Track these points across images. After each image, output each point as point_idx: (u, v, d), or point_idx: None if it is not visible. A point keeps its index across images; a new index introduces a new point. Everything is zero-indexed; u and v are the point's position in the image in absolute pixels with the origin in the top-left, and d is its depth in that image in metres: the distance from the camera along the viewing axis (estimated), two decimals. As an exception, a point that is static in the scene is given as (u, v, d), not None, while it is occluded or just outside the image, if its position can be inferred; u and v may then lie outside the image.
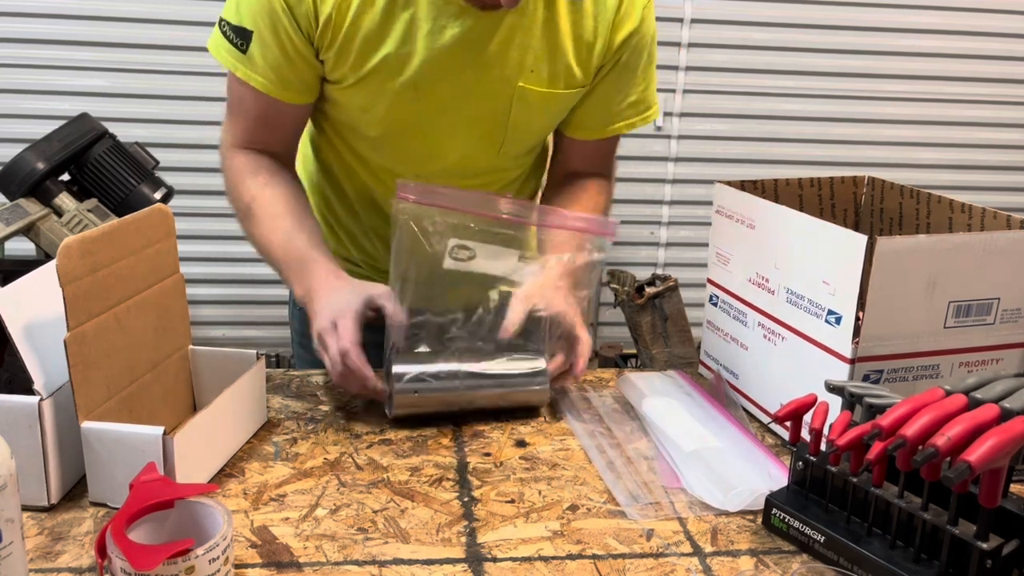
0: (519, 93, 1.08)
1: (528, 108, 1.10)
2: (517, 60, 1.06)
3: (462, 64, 1.05)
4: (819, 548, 0.81)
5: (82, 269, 0.82)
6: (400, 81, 1.05)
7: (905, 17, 2.70)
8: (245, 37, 1.04)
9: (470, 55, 1.05)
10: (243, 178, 1.13)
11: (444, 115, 1.09)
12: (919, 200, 1.15)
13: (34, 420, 0.81)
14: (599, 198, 1.23)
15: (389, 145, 1.14)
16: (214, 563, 0.68)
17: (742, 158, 2.72)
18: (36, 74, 2.47)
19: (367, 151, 1.16)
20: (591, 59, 1.10)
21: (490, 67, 1.06)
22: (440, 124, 1.11)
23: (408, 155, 1.14)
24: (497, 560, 0.80)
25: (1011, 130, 2.85)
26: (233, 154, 1.15)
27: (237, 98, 1.12)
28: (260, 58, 1.05)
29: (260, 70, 1.06)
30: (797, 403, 0.86)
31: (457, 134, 1.12)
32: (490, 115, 1.11)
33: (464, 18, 1.02)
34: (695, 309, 1.30)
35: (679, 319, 2.15)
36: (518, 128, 1.13)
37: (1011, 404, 0.74)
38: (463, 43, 1.03)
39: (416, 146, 1.13)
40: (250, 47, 1.04)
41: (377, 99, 1.07)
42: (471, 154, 1.15)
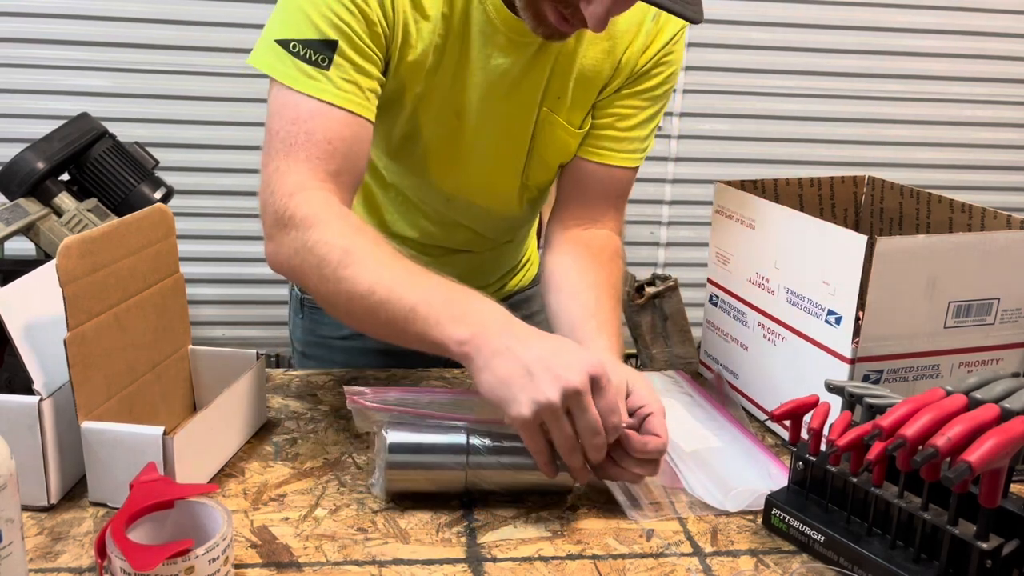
0: (544, 118, 1.07)
1: (553, 137, 1.09)
2: (548, 86, 1.05)
3: (505, 94, 1.04)
4: (819, 548, 0.81)
5: (82, 269, 0.82)
6: (446, 111, 1.04)
7: (905, 17, 2.69)
8: (328, 50, 0.93)
9: (513, 85, 1.04)
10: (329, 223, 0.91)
11: (480, 143, 1.08)
12: (919, 200, 1.15)
13: (34, 420, 0.81)
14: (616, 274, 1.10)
15: (422, 168, 1.11)
16: (214, 563, 0.68)
17: (742, 158, 2.72)
18: (36, 74, 2.47)
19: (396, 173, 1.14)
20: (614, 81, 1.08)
21: (527, 96, 1.05)
22: (475, 152, 1.09)
23: (438, 178, 1.12)
24: (497, 560, 0.80)
25: (1011, 130, 2.85)
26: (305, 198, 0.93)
27: (303, 128, 0.94)
28: (347, 71, 0.94)
29: (348, 87, 0.94)
30: (796, 402, 0.86)
31: (488, 161, 1.10)
32: (520, 141, 1.09)
33: (510, 49, 1.00)
34: (695, 309, 1.30)
35: (679, 319, 2.14)
36: (543, 154, 1.11)
37: (1011, 404, 0.74)
38: (509, 74, 1.03)
39: (448, 172, 1.11)
40: (334, 60, 0.93)
41: (424, 124, 1.06)
42: (497, 180, 1.13)
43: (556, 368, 0.78)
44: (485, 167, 1.11)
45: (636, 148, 1.13)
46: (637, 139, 1.12)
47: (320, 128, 0.94)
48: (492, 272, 1.32)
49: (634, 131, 1.12)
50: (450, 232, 1.20)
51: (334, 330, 1.29)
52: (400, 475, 0.86)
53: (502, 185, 1.14)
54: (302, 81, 0.94)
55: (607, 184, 1.14)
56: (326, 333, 1.30)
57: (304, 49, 0.93)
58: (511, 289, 1.37)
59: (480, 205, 1.16)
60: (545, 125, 1.08)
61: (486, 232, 1.22)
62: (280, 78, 0.94)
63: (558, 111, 1.08)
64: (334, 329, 1.29)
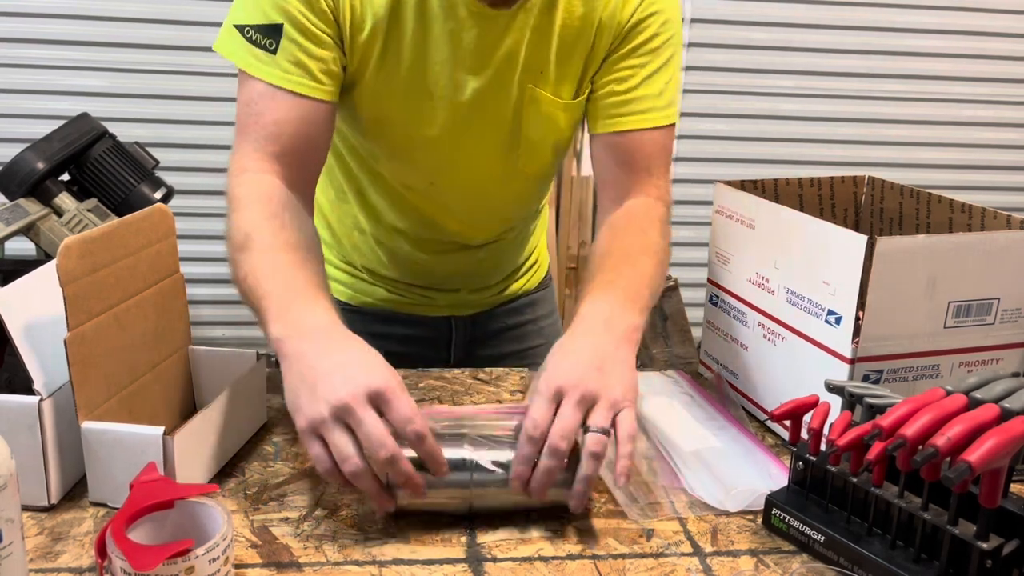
0: (529, 96, 1.06)
1: (538, 113, 1.07)
2: (527, 61, 1.04)
3: (476, 69, 1.03)
4: (819, 548, 0.81)
5: (82, 269, 0.82)
6: (415, 89, 1.03)
7: (905, 17, 2.70)
8: (274, 34, 0.96)
9: (483, 60, 1.02)
10: (245, 208, 0.96)
11: (458, 123, 1.06)
12: (919, 200, 1.15)
13: (34, 420, 0.81)
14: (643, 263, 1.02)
15: (400, 154, 1.11)
16: (214, 563, 0.68)
17: (742, 158, 2.72)
18: (36, 74, 2.47)
19: (377, 160, 1.13)
20: (598, 49, 1.05)
21: (503, 71, 1.04)
22: (453, 133, 1.07)
23: (420, 165, 1.11)
24: (497, 560, 0.80)
25: (1011, 130, 2.85)
26: (241, 180, 0.98)
27: (254, 109, 0.99)
28: (293, 53, 0.97)
29: (293, 70, 0.97)
30: (796, 402, 0.86)
31: (470, 143, 1.09)
32: (503, 121, 1.07)
33: (473, 21, 1.00)
34: (695, 309, 1.30)
35: (679, 319, 2.15)
36: (532, 135, 1.09)
37: (1011, 404, 0.74)
38: (476, 48, 1.01)
39: (428, 156, 1.10)
40: (280, 44, 0.96)
41: (392, 107, 1.04)
42: (485, 165, 1.12)
43: (334, 381, 0.77)
44: (466, 148, 1.09)
45: (649, 107, 1.07)
46: (648, 97, 1.07)
47: (268, 110, 0.98)
48: (492, 273, 1.31)
49: (638, 90, 1.06)
50: (440, 222, 1.18)
51: None
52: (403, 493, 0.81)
53: (488, 167, 1.12)
54: (253, 65, 0.98)
55: (630, 152, 1.09)
56: None
57: (255, 33, 0.97)
58: (515, 292, 1.35)
59: (465, 188, 1.14)
60: (530, 103, 1.06)
61: (477, 222, 1.20)
62: (237, 62, 0.99)
63: (542, 85, 1.05)
64: None
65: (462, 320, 1.31)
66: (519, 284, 1.36)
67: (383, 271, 1.26)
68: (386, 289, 1.27)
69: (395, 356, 1.26)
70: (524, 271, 1.36)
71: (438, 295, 1.28)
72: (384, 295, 1.27)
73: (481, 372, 1.19)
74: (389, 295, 1.27)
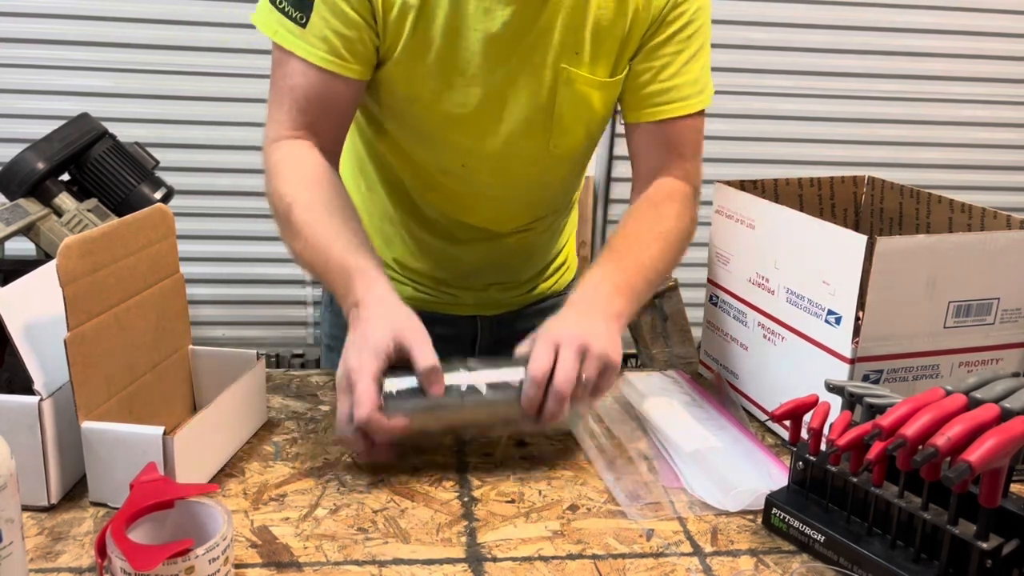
0: (564, 76, 1.06)
1: (573, 94, 1.07)
2: (561, 41, 1.04)
3: (509, 49, 1.03)
4: (819, 548, 0.81)
5: (82, 269, 0.82)
6: (448, 68, 1.03)
7: (905, 17, 2.70)
8: (305, 9, 1.00)
9: (516, 40, 1.03)
10: (284, 175, 1.03)
11: (490, 104, 1.07)
12: (919, 200, 1.15)
13: (34, 420, 0.81)
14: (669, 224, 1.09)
15: (433, 136, 1.11)
16: (214, 563, 0.68)
17: (742, 158, 2.72)
18: (36, 74, 2.47)
19: (409, 142, 1.13)
20: (635, 31, 1.06)
21: (535, 51, 1.04)
22: (486, 115, 1.08)
23: (452, 147, 1.11)
24: (497, 560, 0.80)
25: (1011, 130, 2.85)
26: (276, 148, 1.05)
27: (288, 82, 1.04)
28: (321, 29, 1.00)
29: (320, 44, 1.00)
30: (796, 402, 0.86)
31: (503, 124, 1.09)
32: (535, 102, 1.07)
33: (510, 2, 1.00)
34: (695, 309, 1.30)
35: (679, 319, 2.15)
36: (565, 117, 1.09)
37: (1011, 404, 0.74)
38: (510, 28, 1.02)
39: (461, 137, 1.10)
40: (310, 19, 1.00)
41: (424, 86, 1.05)
42: (517, 146, 1.11)
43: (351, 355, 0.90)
44: (498, 128, 1.09)
45: (687, 95, 1.10)
46: (685, 85, 1.10)
47: (300, 84, 1.03)
48: (521, 267, 1.30)
49: (677, 78, 1.09)
50: (470, 206, 1.18)
51: None
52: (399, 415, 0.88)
53: (519, 148, 1.12)
54: (284, 37, 1.02)
55: (667, 138, 1.13)
56: None
57: (287, 6, 1.01)
58: (542, 293, 1.34)
59: (496, 170, 1.14)
60: (564, 83, 1.06)
61: (508, 207, 1.20)
62: (269, 34, 1.03)
63: (577, 65, 1.06)
64: None
65: (488, 320, 1.31)
66: (547, 284, 1.35)
67: (413, 263, 1.26)
68: (413, 288, 1.27)
69: None
70: (552, 271, 1.35)
71: (465, 293, 1.28)
72: (411, 293, 1.27)
73: (481, 372, 1.19)
74: (416, 293, 1.27)
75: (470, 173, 1.14)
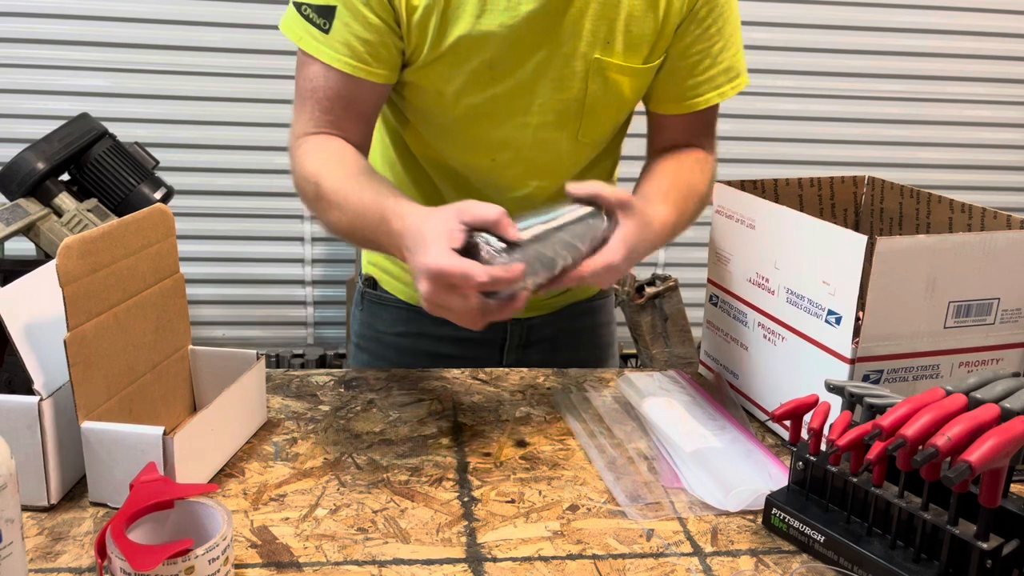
0: (595, 67, 1.06)
1: (606, 83, 1.08)
2: (592, 31, 1.04)
3: (539, 41, 1.03)
4: (819, 548, 0.81)
5: (82, 269, 0.82)
6: (475, 62, 1.04)
7: (905, 17, 2.70)
8: (328, 15, 1.01)
9: (547, 31, 1.03)
10: (307, 158, 1.05)
11: (519, 98, 1.07)
12: (919, 200, 1.15)
13: (34, 420, 0.81)
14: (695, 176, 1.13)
15: (463, 131, 1.11)
16: (214, 563, 0.68)
17: (742, 158, 2.72)
18: (36, 74, 2.47)
19: (438, 139, 1.14)
20: (669, 19, 1.07)
21: (565, 41, 1.04)
22: (516, 108, 1.08)
23: (481, 142, 1.12)
24: (497, 560, 0.80)
25: (1011, 130, 2.86)
26: (301, 142, 1.07)
27: (311, 85, 1.06)
28: (343, 35, 1.02)
29: (342, 49, 1.02)
30: (796, 402, 0.86)
31: (532, 117, 1.09)
32: (566, 94, 1.08)
33: None
34: (695, 309, 1.30)
35: (679, 319, 2.15)
36: (596, 107, 1.10)
37: (1011, 404, 0.74)
38: (539, 19, 1.02)
39: (490, 132, 1.11)
40: (333, 25, 1.01)
41: (451, 81, 1.06)
42: (547, 138, 1.12)
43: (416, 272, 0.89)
44: (527, 121, 1.09)
45: (720, 83, 1.13)
46: (718, 75, 1.12)
47: (322, 87, 1.06)
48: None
49: (710, 71, 1.11)
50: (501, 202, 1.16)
51: (389, 326, 1.30)
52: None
53: (550, 140, 1.12)
54: (308, 42, 1.04)
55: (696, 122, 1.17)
56: (381, 328, 1.31)
57: (311, 12, 1.03)
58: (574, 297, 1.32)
59: (526, 162, 1.14)
60: (595, 73, 1.07)
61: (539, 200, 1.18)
62: (294, 40, 1.05)
63: (609, 55, 1.06)
64: (389, 325, 1.29)
65: (518, 323, 1.29)
66: (578, 290, 1.33)
67: None
68: None
69: (446, 358, 1.27)
70: None
71: None
72: None
73: (481, 372, 1.19)
74: None
75: (500, 167, 1.14)
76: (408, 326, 1.25)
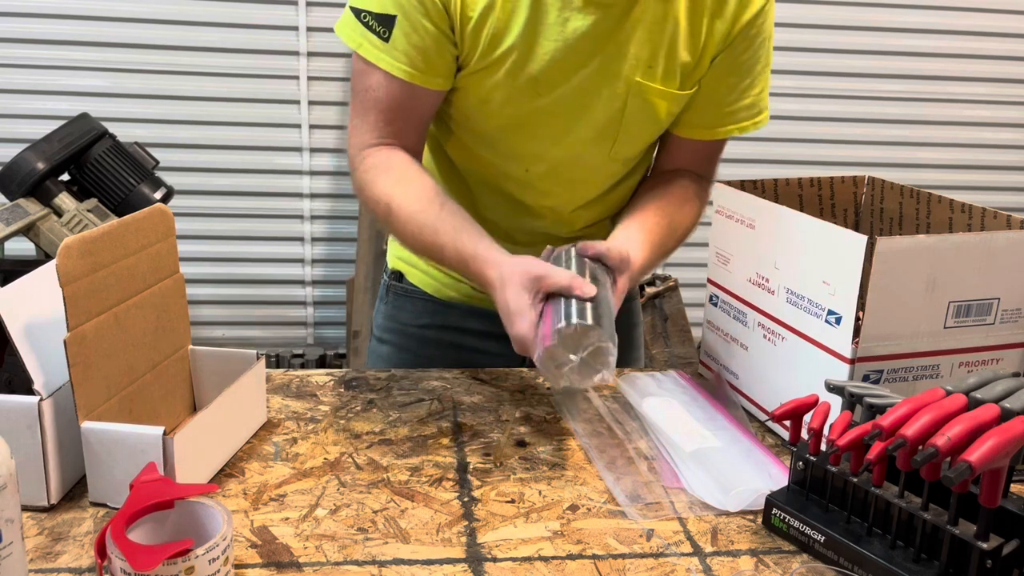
0: (636, 89, 1.07)
1: (644, 106, 1.09)
2: (636, 55, 1.05)
3: (584, 60, 1.05)
4: (819, 548, 0.81)
5: (82, 269, 0.82)
6: (521, 75, 1.05)
7: (905, 17, 2.70)
8: (388, 24, 1.03)
9: (593, 51, 1.04)
10: (376, 177, 1.09)
11: (560, 113, 1.09)
12: (919, 200, 1.15)
13: (34, 420, 0.81)
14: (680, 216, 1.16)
15: (501, 140, 1.13)
16: (214, 563, 0.68)
17: (742, 158, 2.72)
18: (36, 74, 2.47)
19: (476, 145, 1.15)
20: (708, 50, 1.08)
21: (611, 63, 1.05)
22: (555, 123, 1.10)
23: (518, 152, 1.13)
24: (497, 560, 0.80)
25: (1011, 130, 2.86)
26: (365, 156, 1.11)
27: (373, 95, 1.09)
28: (403, 44, 1.04)
29: (402, 58, 1.04)
30: (796, 402, 0.86)
31: (571, 132, 1.11)
32: (605, 113, 1.09)
33: (589, 11, 1.02)
34: (695, 309, 1.30)
35: (679, 319, 2.15)
36: (632, 127, 1.11)
37: (1011, 404, 0.74)
38: (587, 38, 1.03)
39: (528, 143, 1.12)
40: (393, 34, 1.03)
41: (496, 91, 1.07)
42: (581, 153, 1.13)
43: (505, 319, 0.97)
44: (565, 136, 1.11)
45: (743, 118, 1.15)
46: (742, 109, 1.14)
47: (384, 95, 1.08)
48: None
49: (737, 103, 1.13)
50: (531, 207, 1.20)
51: (413, 318, 1.31)
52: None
53: (583, 155, 1.14)
54: (368, 49, 1.05)
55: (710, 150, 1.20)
56: (405, 320, 1.32)
57: (371, 20, 1.05)
58: None
59: (559, 175, 1.15)
60: (635, 95, 1.08)
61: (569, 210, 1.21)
62: (353, 46, 1.07)
63: (650, 79, 1.07)
64: (413, 317, 1.30)
65: None
66: None
67: None
68: (471, 286, 1.27)
69: (471, 351, 1.29)
70: None
71: None
72: (469, 291, 1.27)
73: (482, 372, 1.19)
74: (474, 292, 1.27)
75: (533, 179, 1.16)
76: (433, 318, 1.28)
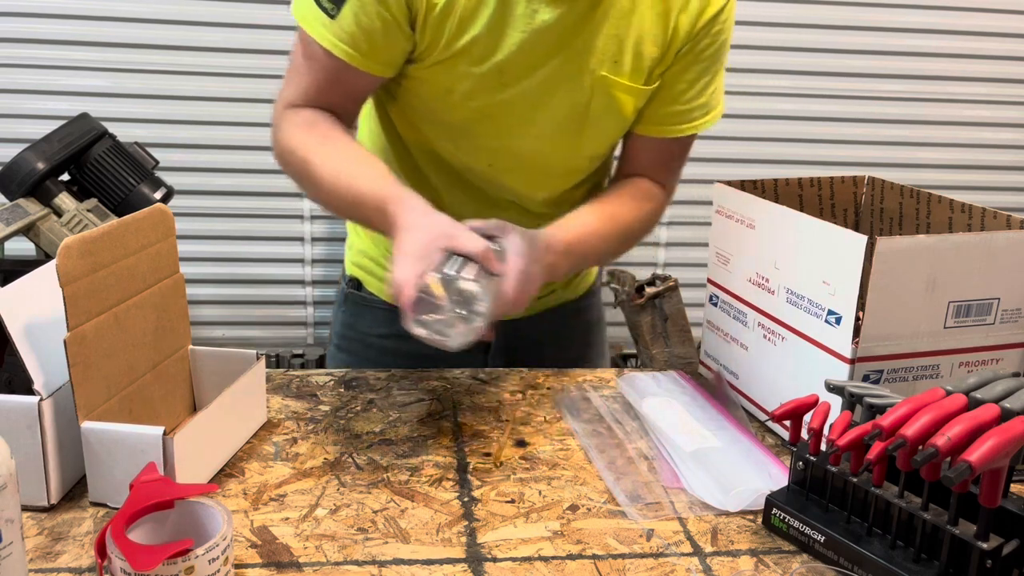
0: (600, 84, 1.07)
1: (609, 101, 1.09)
2: (602, 48, 1.05)
3: (551, 52, 1.04)
4: (819, 548, 0.81)
5: (82, 269, 0.82)
6: (486, 66, 1.04)
7: (905, 17, 2.69)
8: (339, 2, 1.02)
9: (560, 43, 1.04)
10: (296, 133, 1.07)
11: (525, 105, 1.08)
12: (919, 200, 1.15)
13: (34, 420, 0.81)
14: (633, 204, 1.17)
15: (465, 133, 1.12)
16: (214, 563, 0.68)
17: (742, 158, 2.72)
18: (36, 74, 2.47)
19: (440, 138, 1.14)
20: (673, 45, 1.08)
21: (577, 56, 1.05)
22: (519, 116, 1.09)
23: (482, 145, 1.12)
24: (497, 560, 0.80)
25: (1011, 130, 2.85)
26: (288, 113, 1.09)
27: (307, 60, 1.07)
28: (350, 23, 1.02)
29: (345, 37, 1.02)
30: (796, 402, 0.86)
31: (535, 125, 1.10)
32: (569, 107, 1.09)
33: (557, 3, 1.01)
34: (695, 309, 1.30)
35: (679, 319, 2.14)
36: (597, 123, 1.11)
37: (1011, 404, 0.74)
38: (555, 30, 1.03)
39: (492, 137, 1.11)
40: (342, 11, 1.01)
41: (461, 82, 1.06)
42: (545, 148, 1.13)
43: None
44: (529, 131, 1.10)
45: (698, 116, 1.15)
46: (699, 108, 1.15)
47: (320, 69, 1.06)
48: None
49: (695, 101, 1.14)
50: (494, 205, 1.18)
51: (371, 327, 1.29)
52: None
53: (548, 150, 1.13)
54: (311, 24, 1.04)
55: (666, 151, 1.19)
56: (364, 329, 1.31)
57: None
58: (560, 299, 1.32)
59: (523, 170, 1.15)
60: (601, 90, 1.08)
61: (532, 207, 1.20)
62: (298, 18, 1.06)
63: (616, 73, 1.07)
64: (371, 326, 1.29)
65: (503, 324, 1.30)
66: (565, 291, 1.33)
67: None
68: None
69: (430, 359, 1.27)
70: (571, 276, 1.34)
71: None
72: None
73: (481, 372, 1.19)
74: None
75: (496, 173, 1.15)
76: (391, 327, 1.19)
